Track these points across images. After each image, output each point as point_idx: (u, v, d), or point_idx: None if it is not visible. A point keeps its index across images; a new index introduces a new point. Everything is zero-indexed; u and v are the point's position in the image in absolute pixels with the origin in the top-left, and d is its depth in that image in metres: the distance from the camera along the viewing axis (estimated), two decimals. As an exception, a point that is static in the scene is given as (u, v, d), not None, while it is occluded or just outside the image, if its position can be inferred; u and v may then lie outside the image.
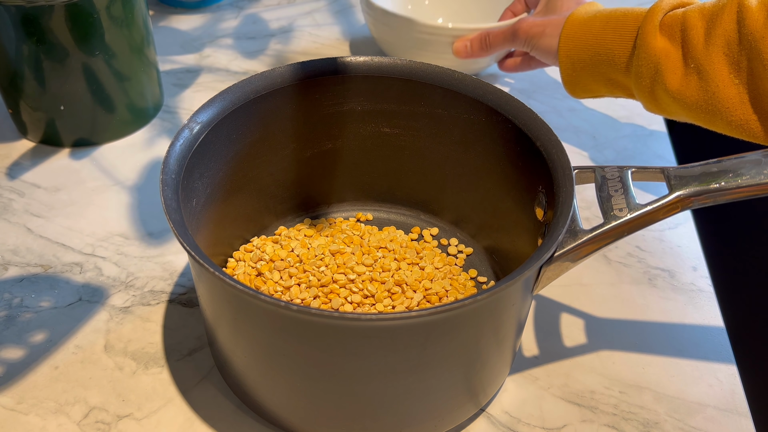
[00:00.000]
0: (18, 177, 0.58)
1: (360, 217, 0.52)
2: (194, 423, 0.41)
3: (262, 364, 0.37)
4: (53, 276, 0.49)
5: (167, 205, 0.35)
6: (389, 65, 0.45)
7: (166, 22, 0.79)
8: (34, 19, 0.52)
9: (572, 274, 0.51)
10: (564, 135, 0.65)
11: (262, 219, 0.50)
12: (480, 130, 0.44)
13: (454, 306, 0.31)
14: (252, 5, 0.83)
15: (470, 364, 0.37)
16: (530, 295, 0.38)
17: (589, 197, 0.57)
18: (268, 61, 0.74)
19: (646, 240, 0.55)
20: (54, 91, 0.57)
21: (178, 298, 0.48)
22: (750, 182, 0.35)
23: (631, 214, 0.36)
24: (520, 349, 0.46)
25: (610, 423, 0.42)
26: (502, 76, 0.74)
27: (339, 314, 0.31)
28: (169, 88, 0.69)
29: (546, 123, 0.40)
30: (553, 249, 0.34)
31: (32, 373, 0.43)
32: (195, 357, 0.44)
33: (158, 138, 0.63)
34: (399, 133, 0.48)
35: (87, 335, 0.45)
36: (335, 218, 0.52)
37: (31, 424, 0.41)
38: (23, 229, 0.53)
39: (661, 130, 0.67)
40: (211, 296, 0.36)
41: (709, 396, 0.44)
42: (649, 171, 0.38)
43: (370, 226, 0.51)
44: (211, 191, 0.42)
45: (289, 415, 0.39)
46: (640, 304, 0.50)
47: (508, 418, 0.42)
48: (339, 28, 0.80)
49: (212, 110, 0.41)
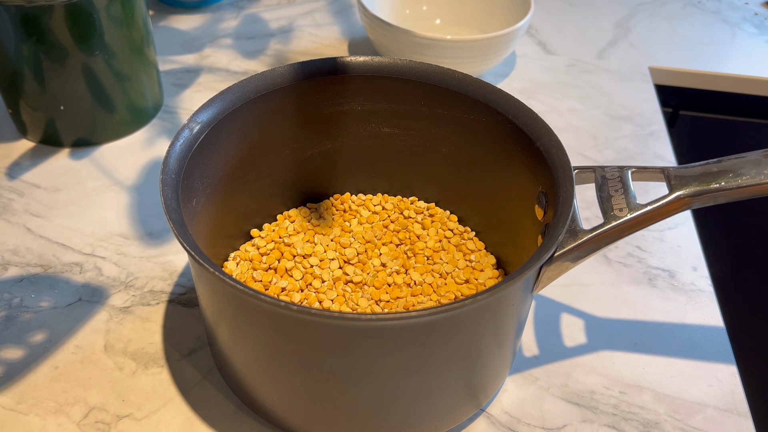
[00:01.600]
0: (18, 177, 0.58)
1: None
2: (194, 423, 0.41)
3: (262, 364, 0.37)
4: (53, 276, 0.49)
5: (167, 205, 0.35)
6: (389, 65, 0.45)
7: (166, 22, 0.79)
8: (34, 19, 0.52)
9: (572, 274, 0.51)
10: (564, 135, 0.65)
11: (262, 219, 0.50)
12: (480, 130, 0.44)
13: (454, 306, 0.31)
14: (252, 5, 0.83)
15: (470, 364, 0.37)
16: (530, 295, 0.38)
17: (589, 197, 0.57)
18: (268, 61, 0.74)
19: (646, 240, 0.55)
20: (54, 91, 0.57)
21: (178, 298, 0.48)
22: (750, 182, 0.35)
23: (631, 214, 0.36)
24: (520, 349, 0.46)
25: (610, 423, 0.42)
26: (502, 76, 0.74)
27: (339, 314, 0.31)
28: (169, 88, 0.69)
29: (546, 123, 0.40)
30: (553, 249, 0.34)
31: (32, 373, 0.43)
32: (195, 357, 0.44)
33: (158, 138, 0.63)
34: (399, 133, 0.48)
35: (87, 335, 0.45)
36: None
37: (31, 424, 0.41)
38: (23, 229, 0.53)
39: (661, 130, 0.67)
40: (211, 296, 0.36)
41: (709, 396, 0.44)
42: (649, 171, 0.38)
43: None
44: (211, 191, 0.42)
45: (289, 415, 0.39)
46: (640, 304, 0.49)
47: (508, 418, 0.42)
48: (339, 28, 0.80)
49: (212, 110, 0.41)
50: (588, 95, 0.71)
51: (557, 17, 0.85)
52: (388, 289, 0.45)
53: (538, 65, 0.76)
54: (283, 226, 0.49)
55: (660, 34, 0.82)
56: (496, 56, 0.67)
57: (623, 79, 0.74)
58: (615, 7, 0.87)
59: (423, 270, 0.46)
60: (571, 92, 0.72)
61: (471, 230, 0.50)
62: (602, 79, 0.74)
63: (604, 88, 0.72)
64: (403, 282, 0.45)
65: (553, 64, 0.76)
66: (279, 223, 0.50)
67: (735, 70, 0.76)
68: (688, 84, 0.77)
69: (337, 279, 0.45)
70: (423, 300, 0.44)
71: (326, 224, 0.50)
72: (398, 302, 0.44)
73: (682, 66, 0.76)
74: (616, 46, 0.79)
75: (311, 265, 0.46)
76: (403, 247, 0.48)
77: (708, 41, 0.81)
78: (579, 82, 0.73)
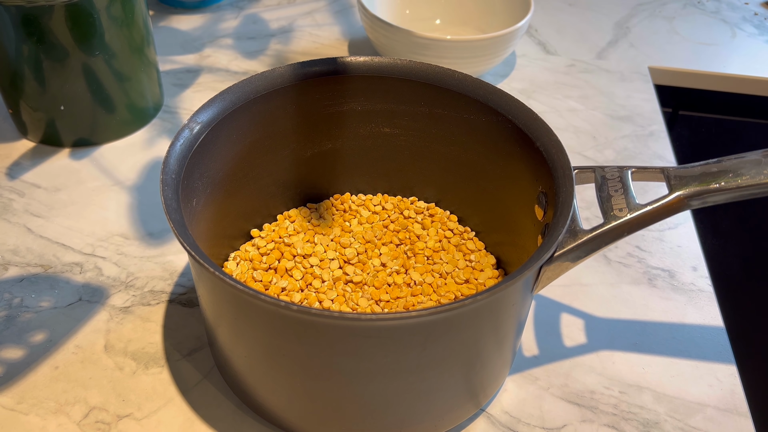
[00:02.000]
0: (18, 177, 0.58)
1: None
2: (194, 423, 0.41)
3: (262, 364, 0.37)
4: (53, 276, 0.49)
5: (167, 205, 0.35)
6: (389, 65, 0.45)
7: (166, 22, 0.79)
8: (34, 19, 0.52)
9: (572, 274, 0.51)
10: (564, 135, 0.65)
11: (262, 219, 0.50)
12: (480, 131, 0.44)
13: (453, 306, 0.31)
14: (252, 5, 0.83)
15: (470, 364, 0.37)
16: (530, 295, 0.38)
17: (589, 197, 0.57)
18: (268, 61, 0.74)
19: (646, 240, 0.55)
20: (54, 91, 0.57)
21: (178, 298, 0.48)
22: (750, 182, 0.35)
23: (631, 214, 0.36)
24: (520, 349, 0.46)
25: (610, 423, 0.42)
26: (502, 76, 0.74)
27: (339, 314, 0.31)
28: (169, 88, 0.69)
29: (546, 123, 0.40)
30: (553, 249, 0.34)
31: (32, 373, 0.43)
32: (195, 357, 0.44)
33: (158, 138, 0.63)
34: (399, 133, 0.48)
35: (87, 335, 0.45)
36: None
37: (31, 424, 0.41)
38: (23, 229, 0.53)
39: (661, 130, 0.67)
40: (211, 296, 0.36)
41: (709, 396, 0.44)
42: (649, 171, 0.38)
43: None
44: (211, 191, 0.42)
45: (289, 415, 0.39)
46: (640, 304, 0.50)
47: (508, 418, 0.42)
48: (339, 28, 0.80)
49: (212, 110, 0.41)
50: (588, 95, 0.71)
51: (557, 17, 0.85)
52: (388, 289, 0.45)
53: (538, 65, 0.76)
54: (283, 226, 0.49)
55: (660, 34, 0.82)
56: (496, 56, 0.67)
57: (623, 79, 0.74)
58: (615, 7, 0.87)
59: (423, 270, 0.46)
60: (571, 92, 0.72)
61: (471, 230, 0.50)
62: (602, 79, 0.74)
63: (604, 88, 0.72)
64: (403, 282, 0.45)
65: (553, 64, 0.76)
66: (279, 223, 0.50)
67: (735, 70, 0.76)
68: (688, 84, 0.77)
69: (337, 279, 0.45)
70: (423, 300, 0.44)
71: (326, 224, 0.50)
72: (398, 302, 0.44)
73: (682, 66, 0.76)
74: (616, 46, 0.79)
75: (311, 265, 0.46)
76: (403, 247, 0.48)
77: (708, 41, 0.81)
78: (579, 83, 0.73)
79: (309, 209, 0.51)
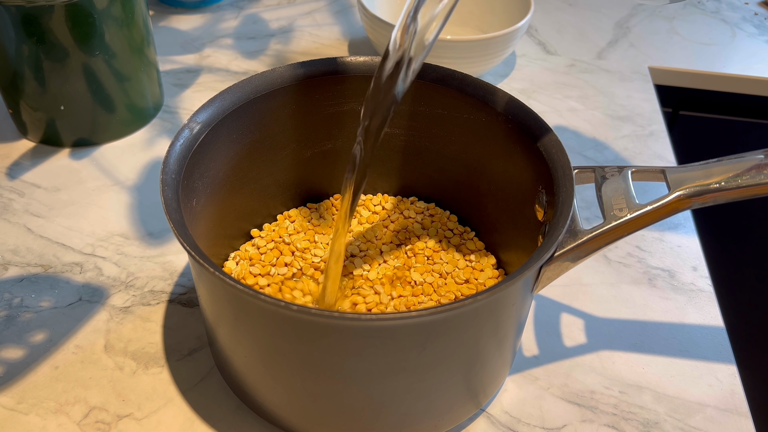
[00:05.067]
0: (18, 177, 0.58)
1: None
2: (194, 423, 0.41)
3: (262, 364, 0.37)
4: (53, 276, 0.49)
5: (167, 205, 0.35)
6: (389, 65, 0.45)
7: (166, 22, 0.79)
8: (34, 19, 0.52)
9: (572, 274, 0.51)
10: (564, 135, 0.65)
11: (262, 219, 0.50)
12: (480, 130, 0.44)
13: (453, 306, 0.31)
14: (252, 5, 0.83)
15: (470, 364, 0.37)
16: (530, 295, 0.38)
17: (589, 197, 0.57)
18: (268, 61, 0.74)
19: (646, 240, 0.55)
20: (54, 91, 0.57)
21: (178, 298, 0.48)
22: (750, 182, 0.35)
23: (631, 214, 0.36)
24: (520, 349, 0.46)
25: (610, 423, 0.42)
26: (502, 76, 0.74)
27: (339, 314, 0.31)
28: (169, 88, 0.69)
29: (546, 123, 0.40)
30: (553, 249, 0.34)
31: (32, 373, 0.43)
32: (195, 357, 0.44)
33: (158, 138, 0.63)
34: (399, 133, 0.48)
35: (87, 335, 0.45)
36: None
37: (31, 424, 0.41)
38: (23, 229, 0.53)
39: (661, 130, 0.67)
40: (211, 296, 0.36)
41: (709, 396, 0.44)
42: (649, 171, 0.38)
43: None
44: (211, 191, 0.42)
45: (289, 415, 0.39)
46: (640, 304, 0.50)
47: (508, 418, 0.42)
48: (339, 28, 0.80)
49: (212, 110, 0.41)
50: (588, 95, 0.71)
51: (557, 17, 0.85)
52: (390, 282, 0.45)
53: (538, 65, 0.76)
54: (283, 226, 0.49)
55: (660, 34, 0.82)
56: (496, 56, 0.67)
57: (623, 79, 0.74)
58: (615, 7, 0.87)
59: (423, 270, 0.46)
60: (571, 92, 0.72)
61: (471, 230, 0.50)
62: (602, 79, 0.74)
63: (604, 88, 0.72)
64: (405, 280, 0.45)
65: (553, 64, 0.76)
66: (279, 223, 0.50)
67: (735, 70, 0.76)
68: (688, 84, 0.77)
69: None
70: (423, 300, 0.44)
71: (326, 224, 0.50)
72: (399, 301, 0.44)
73: (682, 66, 0.76)
74: (616, 46, 0.79)
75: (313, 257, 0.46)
76: (403, 247, 0.48)
77: (708, 41, 0.81)
78: (579, 82, 0.73)
79: (309, 209, 0.51)
